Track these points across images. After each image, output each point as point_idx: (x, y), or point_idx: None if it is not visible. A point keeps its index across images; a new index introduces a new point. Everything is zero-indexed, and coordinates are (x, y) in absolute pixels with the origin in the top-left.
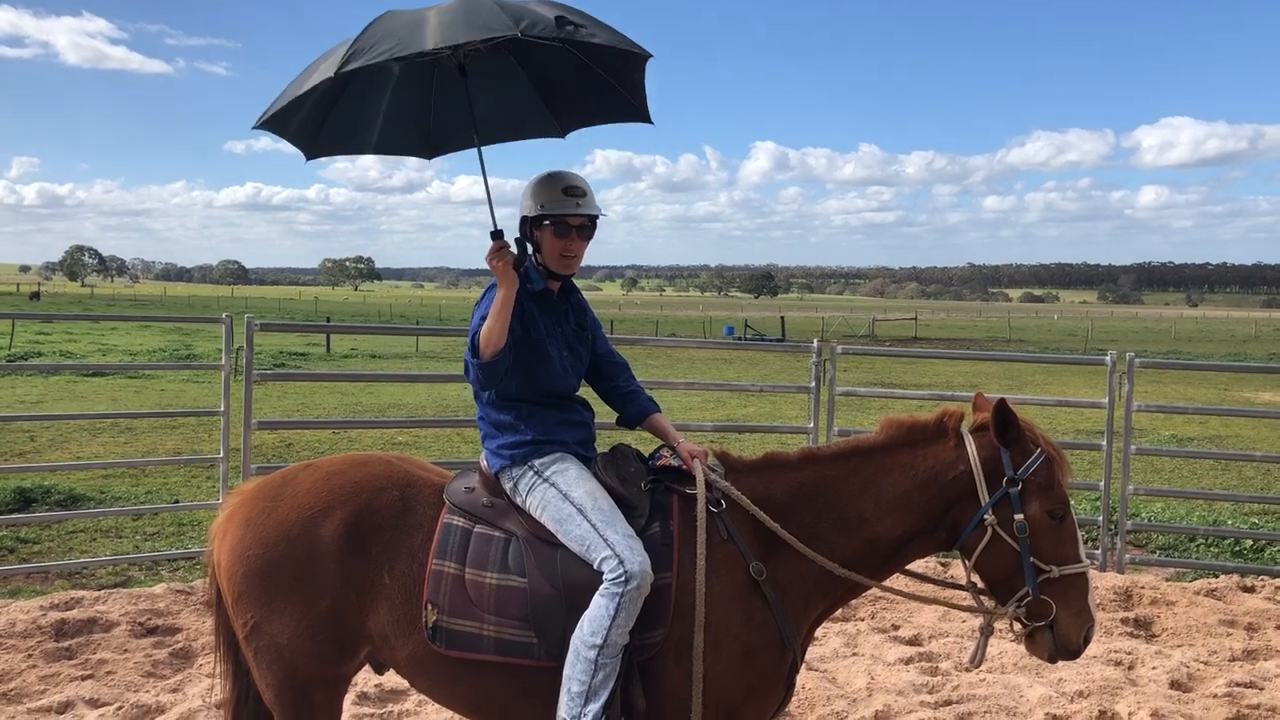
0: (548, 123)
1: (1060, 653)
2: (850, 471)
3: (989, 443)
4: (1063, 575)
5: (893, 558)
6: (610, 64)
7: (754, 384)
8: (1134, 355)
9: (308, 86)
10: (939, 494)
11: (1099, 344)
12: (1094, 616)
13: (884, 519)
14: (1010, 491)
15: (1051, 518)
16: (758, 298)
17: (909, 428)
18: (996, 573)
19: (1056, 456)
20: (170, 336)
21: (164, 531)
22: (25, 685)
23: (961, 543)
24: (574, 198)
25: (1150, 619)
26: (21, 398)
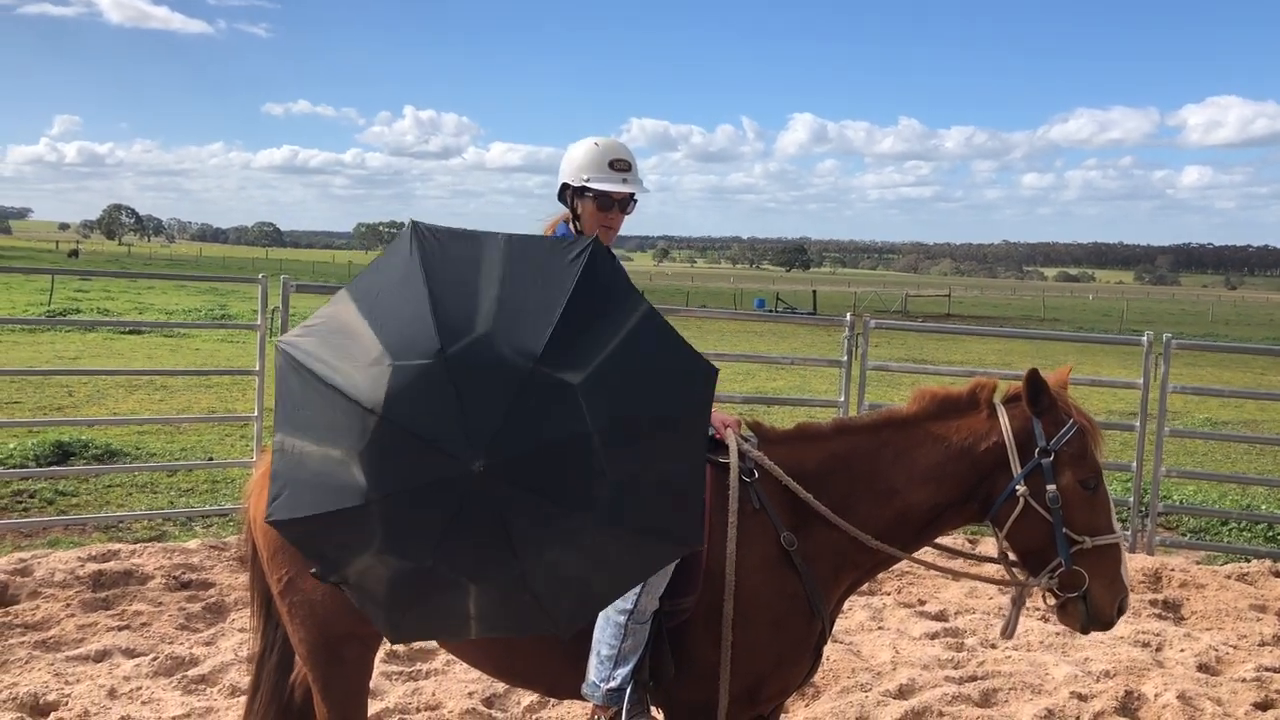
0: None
1: (1093, 623)
2: (883, 443)
3: (1022, 413)
4: (1096, 546)
5: (924, 529)
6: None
7: (785, 357)
8: (1170, 336)
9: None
10: (972, 465)
11: (1134, 325)
12: (1127, 587)
13: (916, 491)
14: (1043, 462)
15: (1084, 488)
16: (789, 271)
17: (942, 399)
18: (1029, 544)
19: (1089, 427)
20: (206, 297)
21: (198, 488)
22: (64, 633)
23: (994, 514)
24: (620, 172)
25: (1179, 601)
26: (60, 353)
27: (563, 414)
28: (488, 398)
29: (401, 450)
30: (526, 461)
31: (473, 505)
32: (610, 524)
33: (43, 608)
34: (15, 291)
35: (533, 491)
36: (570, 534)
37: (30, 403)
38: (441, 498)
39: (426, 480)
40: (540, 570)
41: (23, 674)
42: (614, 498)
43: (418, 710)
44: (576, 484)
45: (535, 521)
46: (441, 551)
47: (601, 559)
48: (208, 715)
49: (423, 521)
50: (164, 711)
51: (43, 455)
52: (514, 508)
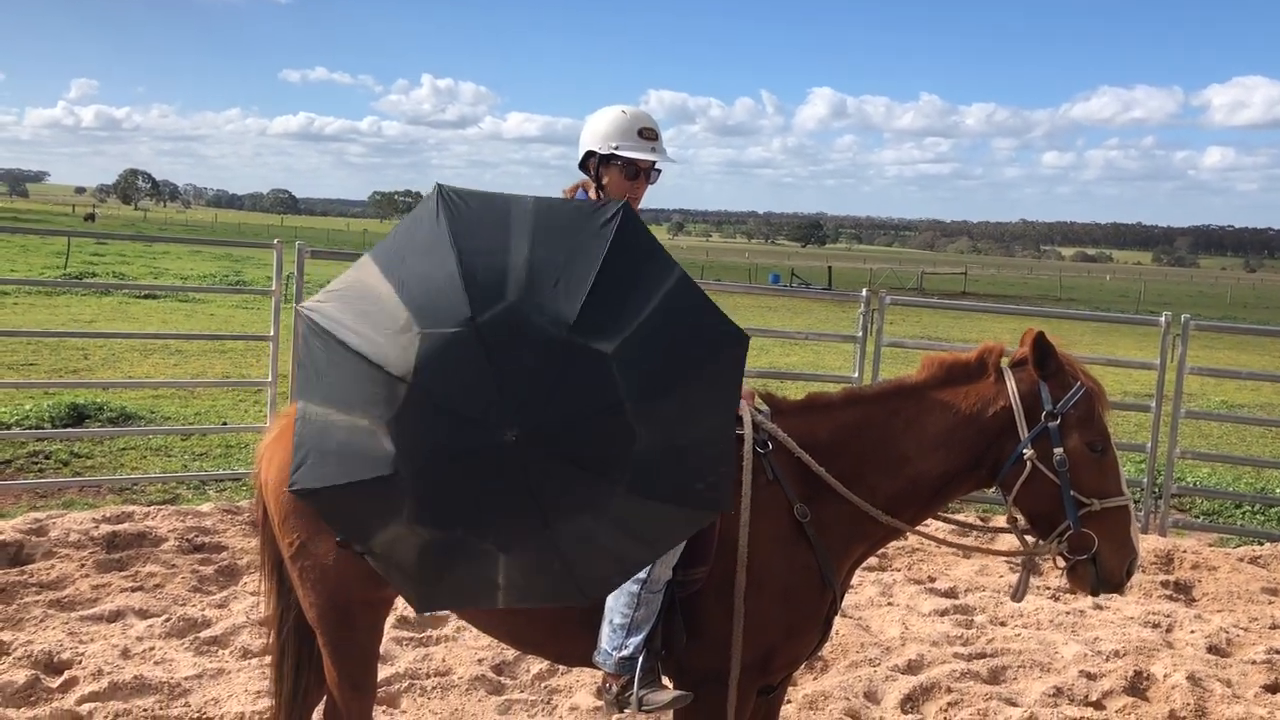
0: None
1: (1103, 585)
2: (892, 412)
3: (1028, 377)
4: (1104, 508)
5: (935, 497)
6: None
7: (799, 332)
8: (1189, 317)
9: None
10: (980, 431)
11: (1151, 306)
12: (1137, 549)
13: (927, 458)
14: (1049, 425)
15: (1091, 450)
16: (805, 246)
17: (950, 366)
18: (1037, 507)
19: (1096, 389)
20: (221, 262)
21: (212, 452)
22: (78, 593)
23: (1002, 478)
24: (649, 141)
25: (1191, 583)
26: (75, 316)
27: (596, 382)
28: (520, 366)
29: (432, 419)
30: (559, 430)
31: (504, 474)
32: (643, 492)
33: (57, 567)
34: (32, 254)
35: (565, 460)
36: (602, 502)
37: (46, 365)
38: (473, 467)
39: (458, 449)
40: (573, 538)
41: (38, 632)
42: (646, 466)
43: (428, 676)
44: (609, 452)
45: (567, 490)
46: (473, 521)
47: (633, 526)
48: (219, 676)
49: (454, 491)
50: (176, 672)
51: (58, 417)
52: (546, 476)
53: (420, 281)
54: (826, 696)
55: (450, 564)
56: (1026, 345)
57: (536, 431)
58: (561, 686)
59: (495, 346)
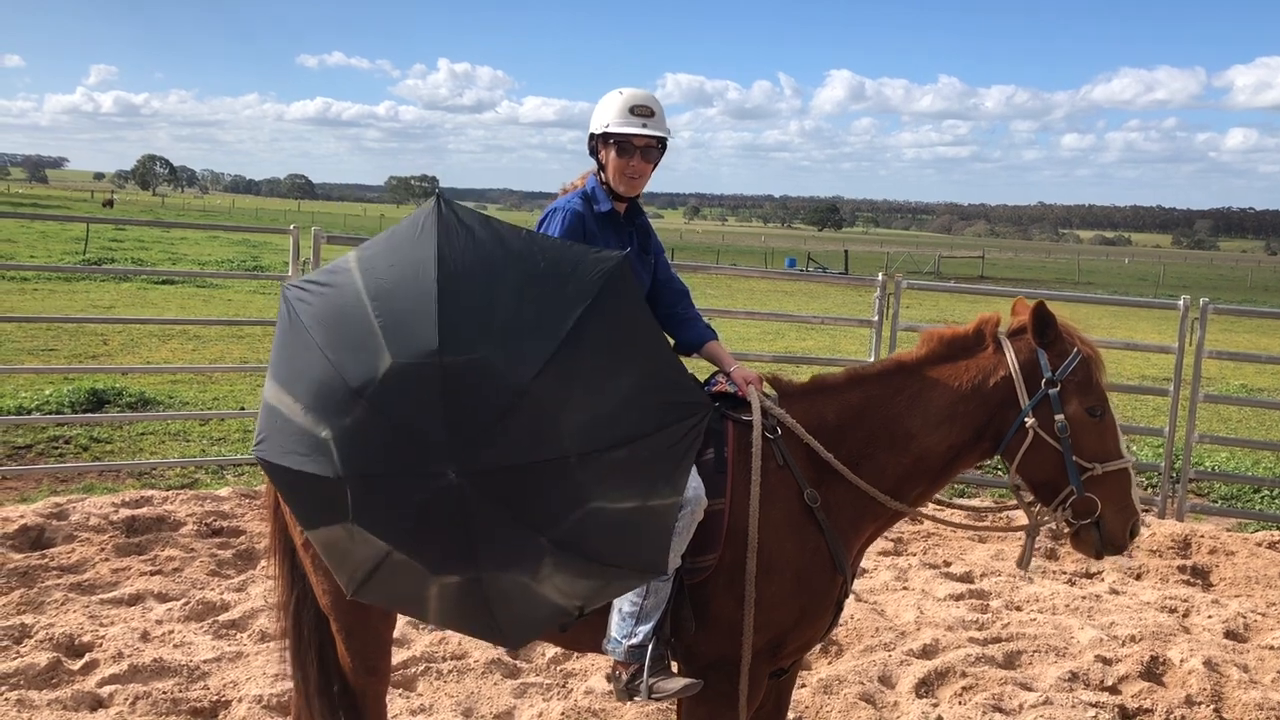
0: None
1: (1107, 548)
2: (896, 389)
3: (1027, 346)
4: (1105, 472)
5: (943, 471)
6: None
7: (815, 316)
8: (1208, 301)
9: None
10: (982, 403)
11: (1171, 289)
12: (1138, 511)
13: (932, 434)
14: (1049, 392)
15: (1091, 415)
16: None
17: (949, 340)
18: (1040, 474)
19: (1093, 355)
20: (238, 248)
21: (229, 437)
22: (98, 576)
23: (1004, 447)
24: (641, 117)
25: (1208, 568)
26: (95, 302)
27: (547, 438)
28: (475, 410)
29: (379, 441)
30: (501, 477)
31: (441, 507)
32: (571, 551)
33: (78, 551)
34: (52, 240)
35: (503, 508)
36: (533, 557)
37: (66, 350)
38: (412, 493)
39: (398, 472)
40: (495, 581)
41: (59, 615)
42: (584, 526)
43: (444, 659)
44: (546, 507)
45: (498, 537)
46: (406, 546)
47: (561, 584)
48: (238, 659)
49: (392, 510)
50: (195, 655)
51: (78, 402)
52: (482, 521)
53: (397, 303)
54: (841, 681)
55: (384, 571)
56: (1025, 315)
57: (478, 474)
58: (576, 670)
59: (454, 386)
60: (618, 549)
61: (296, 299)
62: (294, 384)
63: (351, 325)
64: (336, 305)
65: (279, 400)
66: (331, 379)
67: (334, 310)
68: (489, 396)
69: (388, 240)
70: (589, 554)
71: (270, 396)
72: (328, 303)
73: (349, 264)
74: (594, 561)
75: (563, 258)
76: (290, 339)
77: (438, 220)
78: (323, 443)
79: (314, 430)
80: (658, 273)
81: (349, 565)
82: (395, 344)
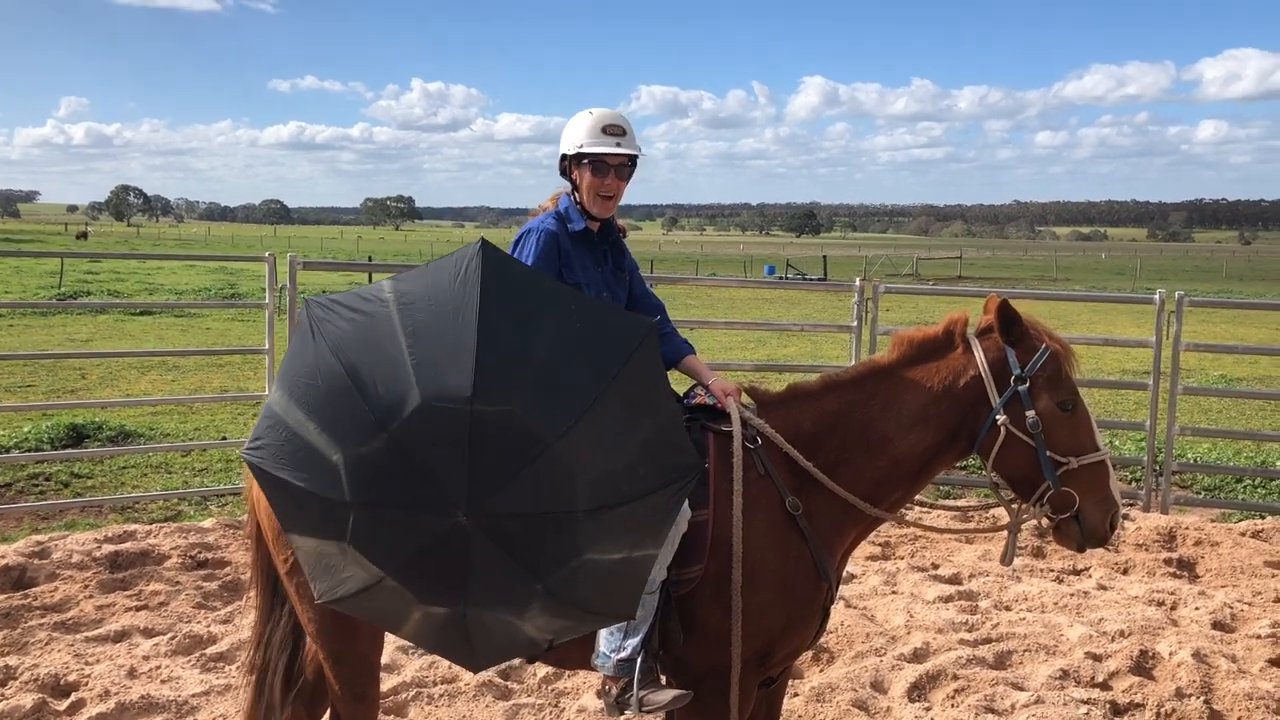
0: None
1: (1088, 540)
2: (869, 394)
3: (995, 344)
4: (1081, 465)
5: (920, 473)
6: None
7: (795, 323)
8: (1183, 294)
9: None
10: (954, 403)
11: (1148, 282)
12: (1118, 502)
13: (906, 436)
14: (1019, 389)
15: (1062, 409)
16: (799, 236)
17: (919, 343)
18: (1015, 470)
19: (1062, 350)
20: (215, 276)
21: (212, 468)
22: (83, 614)
23: (979, 446)
24: (613, 136)
25: (1193, 560)
26: (71, 335)
27: (561, 492)
28: (497, 459)
29: (395, 473)
30: (509, 523)
31: (444, 546)
32: (559, 597)
33: (61, 589)
34: (26, 275)
35: (505, 550)
36: (520, 597)
37: (44, 385)
38: (418, 529)
39: (408, 507)
40: (480, 616)
41: (43, 655)
42: (572, 574)
43: (435, 683)
44: (546, 555)
45: (495, 580)
46: (400, 574)
47: (540, 623)
48: (227, 693)
49: (393, 541)
50: (184, 690)
51: (57, 438)
52: (480, 560)
53: (433, 341)
54: (833, 688)
55: (368, 590)
56: (991, 313)
57: (489, 520)
58: (569, 689)
59: (481, 433)
60: (600, 596)
61: (321, 318)
62: (308, 402)
63: (382, 357)
64: (368, 334)
65: (287, 413)
66: (353, 407)
67: (365, 339)
68: (513, 449)
69: (428, 279)
70: (575, 600)
71: (278, 407)
72: (359, 330)
73: (385, 294)
74: (578, 607)
75: (598, 319)
76: (310, 356)
77: (481, 266)
78: (333, 466)
79: (325, 451)
80: (633, 288)
81: (331, 578)
82: (426, 383)
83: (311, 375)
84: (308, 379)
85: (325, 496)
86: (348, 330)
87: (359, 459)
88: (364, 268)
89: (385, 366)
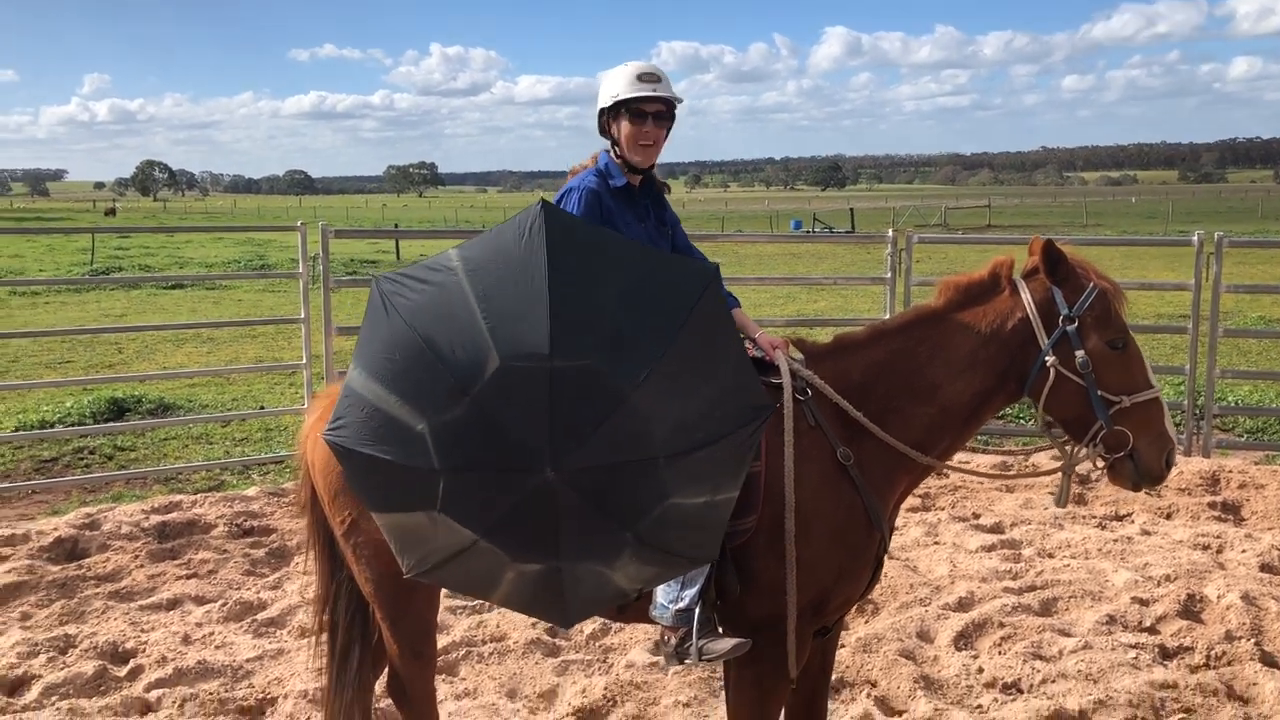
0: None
1: (1143, 480)
2: (917, 341)
3: (1042, 285)
4: (1134, 403)
5: (970, 418)
6: None
7: (827, 277)
8: (1222, 235)
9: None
10: (1002, 346)
11: (1180, 225)
12: (1174, 439)
13: (955, 382)
14: (1067, 330)
15: (1112, 348)
16: (825, 190)
17: (965, 287)
18: (1067, 411)
19: (1110, 288)
20: (243, 248)
21: (252, 437)
22: (135, 584)
23: (1029, 388)
24: (649, 83)
25: (1238, 503)
26: (106, 311)
27: (640, 441)
28: (578, 414)
29: (481, 437)
30: (593, 475)
31: (534, 503)
32: (648, 544)
33: (113, 560)
34: (58, 253)
35: (595, 506)
36: (615, 550)
37: (82, 361)
38: (508, 488)
39: (497, 469)
40: (573, 570)
41: (100, 624)
42: (662, 520)
43: (483, 642)
44: (632, 504)
45: (585, 531)
46: (493, 532)
47: (630, 572)
48: (280, 657)
49: (485, 504)
50: (238, 655)
51: (99, 412)
52: (570, 513)
53: (505, 303)
54: (880, 639)
55: (460, 557)
56: (1036, 254)
57: (576, 474)
58: (616, 645)
59: (561, 389)
60: (685, 541)
61: (393, 292)
62: (387, 376)
63: (457, 324)
64: (440, 303)
65: (367, 389)
66: (433, 375)
67: (437, 307)
68: (593, 402)
69: (493, 243)
70: (663, 546)
71: (357, 384)
72: (431, 300)
73: (452, 263)
74: (665, 552)
75: (662, 269)
76: (385, 332)
77: (545, 225)
78: (418, 435)
79: (410, 422)
80: (676, 243)
81: (421, 549)
82: (503, 344)
83: (389, 349)
84: (385, 354)
85: (413, 466)
86: (420, 301)
87: (444, 425)
88: (392, 234)
89: (461, 332)
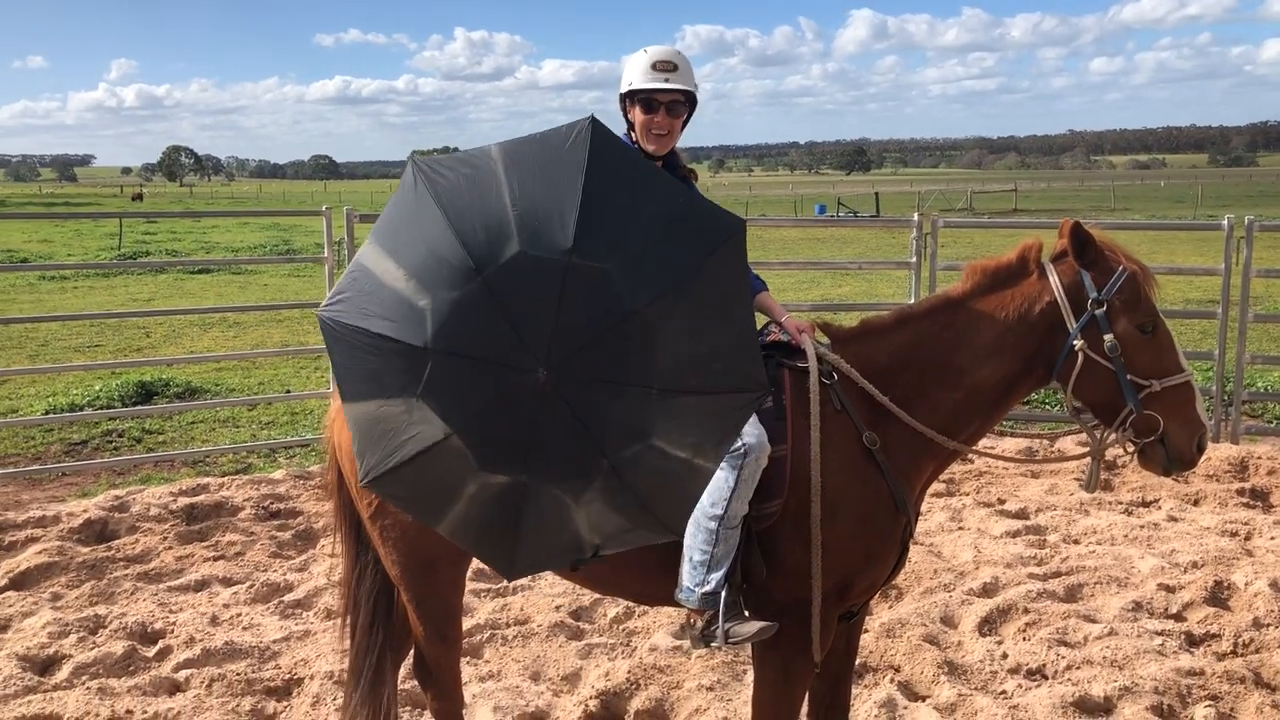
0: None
1: (1175, 464)
2: (944, 326)
3: (1070, 268)
4: (1165, 388)
5: (998, 403)
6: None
7: (852, 261)
8: (1253, 219)
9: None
10: (1030, 330)
11: (1209, 209)
12: (1204, 424)
13: (983, 367)
14: (1096, 313)
15: (1142, 332)
16: (850, 174)
17: (993, 271)
18: (1097, 396)
19: (1140, 271)
20: (269, 232)
21: (278, 420)
22: (164, 565)
23: (1058, 373)
24: (663, 73)
25: (1267, 489)
26: (134, 295)
27: (606, 299)
28: (533, 304)
29: (482, 320)
30: (586, 388)
31: (549, 413)
32: (622, 479)
33: (142, 541)
34: (86, 238)
35: (597, 382)
36: (583, 471)
37: (110, 345)
38: (497, 380)
39: (490, 357)
40: (538, 493)
41: (130, 604)
42: (674, 365)
43: (508, 625)
44: (635, 361)
45: (562, 444)
46: (470, 428)
47: (679, 435)
48: (306, 638)
49: (507, 438)
50: (265, 636)
51: (127, 396)
52: (552, 422)
53: (418, 250)
54: (904, 624)
55: (526, 517)
56: (1064, 236)
57: (564, 361)
58: (639, 628)
59: (574, 287)
60: (656, 493)
61: (430, 170)
62: (401, 250)
63: (485, 208)
64: (474, 186)
65: (376, 264)
66: (449, 252)
67: (469, 190)
68: (603, 307)
69: (537, 143)
70: (634, 489)
71: (367, 260)
72: (466, 181)
73: (492, 154)
74: (633, 498)
75: (696, 206)
76: (411, 208)
77: (591, 135)
78: (418, 311)
79: (412, 298)
80: None
81: (386, 446)
82: (526, 235)
83: (410, 224)
84: (405, 228)
85: (404, 342)
86: (453, 181)
87: (448, 302)
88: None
89: (487, 215)
